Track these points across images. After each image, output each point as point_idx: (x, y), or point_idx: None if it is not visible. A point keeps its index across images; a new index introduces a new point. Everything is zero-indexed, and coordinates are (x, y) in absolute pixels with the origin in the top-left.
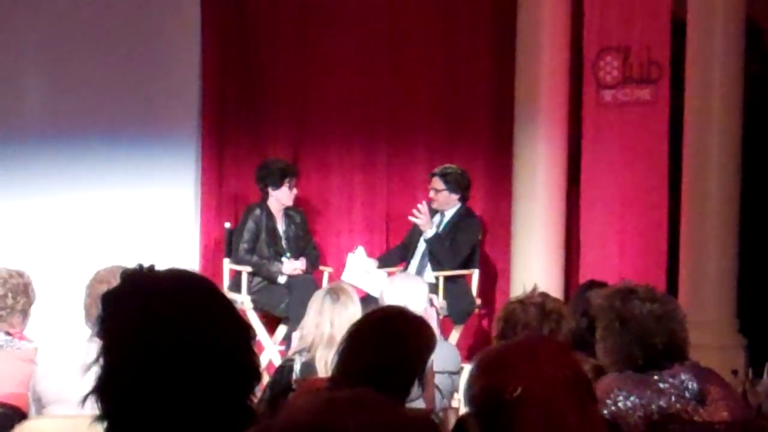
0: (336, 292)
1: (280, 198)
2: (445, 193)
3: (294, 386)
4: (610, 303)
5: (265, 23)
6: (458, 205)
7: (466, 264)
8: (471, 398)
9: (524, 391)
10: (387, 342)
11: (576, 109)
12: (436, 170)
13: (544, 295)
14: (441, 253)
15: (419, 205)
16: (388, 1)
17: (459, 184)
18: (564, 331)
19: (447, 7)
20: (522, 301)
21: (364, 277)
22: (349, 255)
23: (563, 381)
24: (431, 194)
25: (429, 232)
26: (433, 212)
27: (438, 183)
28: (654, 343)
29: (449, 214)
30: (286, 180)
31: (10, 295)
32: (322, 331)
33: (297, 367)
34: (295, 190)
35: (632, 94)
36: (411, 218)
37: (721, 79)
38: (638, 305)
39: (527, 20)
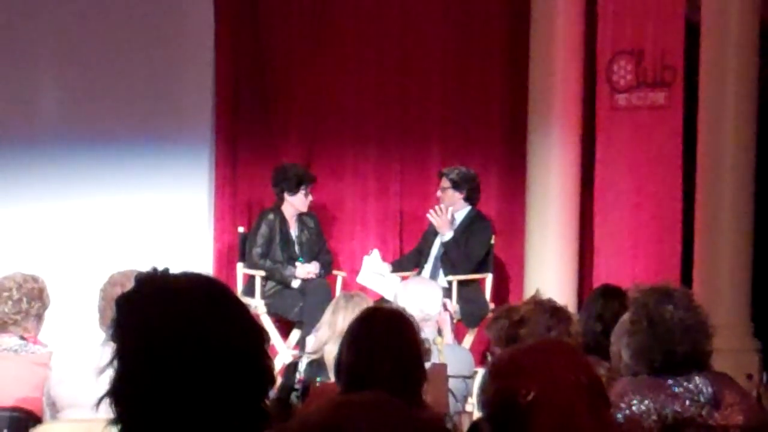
0: (351, 295)
1: (295, 204)
2: (450, 191)
3: (297, 386)
4: (644, 300)
5: (278, 28)
6: (468, 208)
7: (480, 268)
8: (485, 402)
9: (538, 395)
10: (391, 344)
11: (590, 113)
12: (444, 170)
13: (551, 300)
14: (456, 257)
15: (441, 205)
16: (401, 6)
17: (465, 183)
18: (573, 332)
19: (460, 10)
20: (541, 305)
21: (379, 280)
22: (365, 257)
23: (577, 385)
24: (438, 193)
25: (447, 235)
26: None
27: (444, 181)
28: (675, 351)
29: (460, 217)
30: (302, 186)
31: (24, 299)
32: (334, 328)
33: (302, 366)
34: (310, 197)
35: (646, 98)
36: (429, 216)
37: (735, 82)
38: (670, 310)
39: (541, 24)
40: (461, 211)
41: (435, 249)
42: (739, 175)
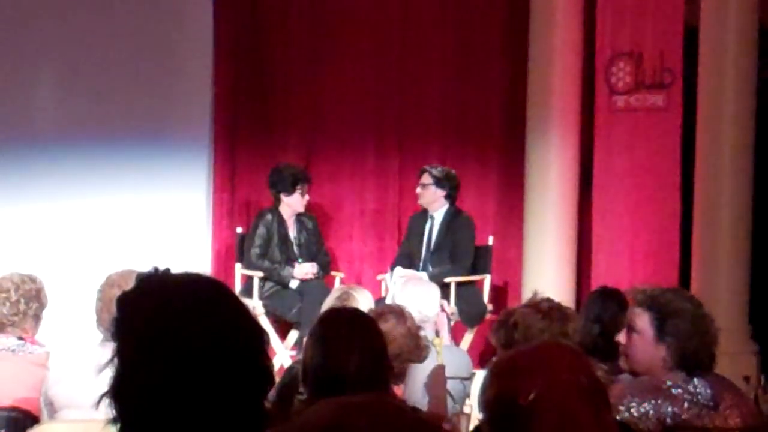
0: (348, 295)
1: (292, 204)
2: (432, 188)
3: (301, 388)
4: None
5: (277, 29)
6: (446, 205)
7: (478, 269)
8: (485, 403)
9: (538, 396)
10: (354, 344)
11: (588, 115)
12: (427, 166)
13: (550, 299)
14: (449, 274)
15: (389, 277)
16: (400, 9)
17: (447, 182)
18: (570, 331)
19: (460, 13)
20: (535, 307)
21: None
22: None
23: (578, 386)
24: (418, 189)
25: (424, 276)
26: (422, 214)
27: (426, 178)
28: (712, 353)
29: (439, 216)
30: (298, 186)
31: (22, 300)
32: None
33: None
34: (307, 197)
35: (645, 100)
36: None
37: (733, 85)
38: (709, 314)
39: (540, 26)
40: (441, 209)
41: (424, 249)
42: (737, 177)
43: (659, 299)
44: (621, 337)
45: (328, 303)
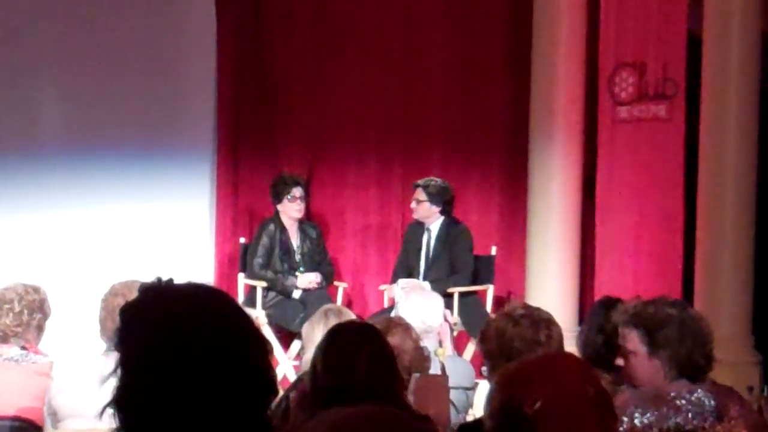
0: (335, 314)
1: (286, 211)
2: (426, 205)
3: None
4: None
5: (280, 39)
6: (441, 218)
7: (481, 279)
8: (491, 412)
9: (544, 405)
10: (361, 357)
11: (591, 125)
12: (420, 181)
13: (527, 306)
14: (449, 285)
15: (395, 289)
16: (403, 18)
17: (441, 197)
18: (556, 336)
19: (462, 23)
20: (508, 315)
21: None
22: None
23: (584, 396)
24: (413, 204)
25: (426, 286)
26: (418, 225)
27: (420, 194)
28: (707, 353)
29: (435, 228)
30: (286, 193)
31: (26, 312)
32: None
33: None
34: (299, 203)
35: (648, 111)
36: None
37: (736, 95)
38: (697, 314)
39: (543, 36)
40: (436, 222)
41: (422, 261)
42: (740, 187)
43: (642, 314)
44: (619, 361)
45: (313, 322)
